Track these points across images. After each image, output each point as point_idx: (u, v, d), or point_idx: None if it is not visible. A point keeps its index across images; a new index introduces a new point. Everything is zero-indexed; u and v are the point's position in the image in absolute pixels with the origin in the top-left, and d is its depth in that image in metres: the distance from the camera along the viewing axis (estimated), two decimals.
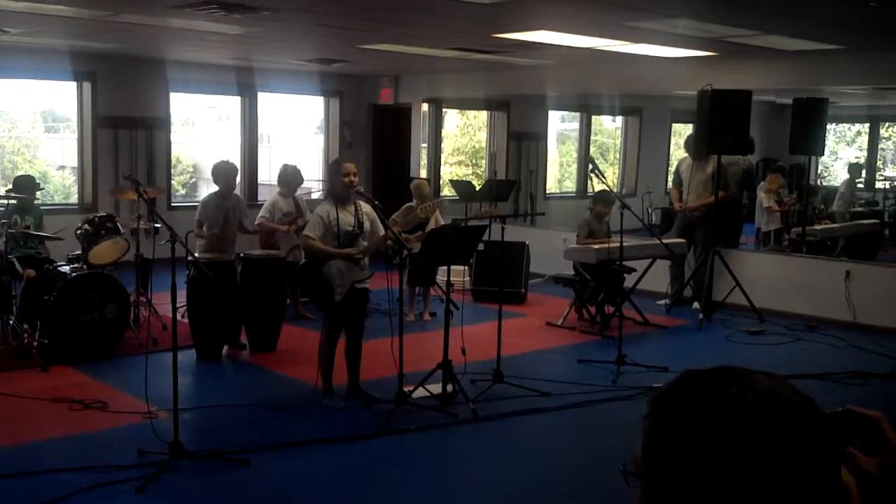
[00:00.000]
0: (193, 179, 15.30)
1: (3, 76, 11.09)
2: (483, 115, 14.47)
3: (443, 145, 13.57)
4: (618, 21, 7.18)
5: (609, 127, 16.84)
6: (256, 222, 8.20)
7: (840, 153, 18.13)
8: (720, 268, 8.90)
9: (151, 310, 7.67)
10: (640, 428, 1.01)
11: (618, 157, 16.04)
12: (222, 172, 7.67)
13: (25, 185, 7.76)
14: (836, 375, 6.94)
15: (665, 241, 8.41)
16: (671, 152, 16.17)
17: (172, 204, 12.03)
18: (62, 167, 14.25)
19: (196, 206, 8.00)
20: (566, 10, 6.96)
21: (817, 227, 10.81)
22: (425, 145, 12.97)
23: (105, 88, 11.24)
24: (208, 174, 8.01)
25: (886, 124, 17.54)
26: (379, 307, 8.02)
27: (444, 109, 13.41)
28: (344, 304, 5.81)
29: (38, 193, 8.25)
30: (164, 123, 11.84)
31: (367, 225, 5.94)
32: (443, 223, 8.06)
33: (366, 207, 6.03)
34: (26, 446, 5.06)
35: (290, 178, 8.47)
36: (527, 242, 9.83)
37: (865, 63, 8.94)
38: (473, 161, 15.48)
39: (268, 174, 12.93)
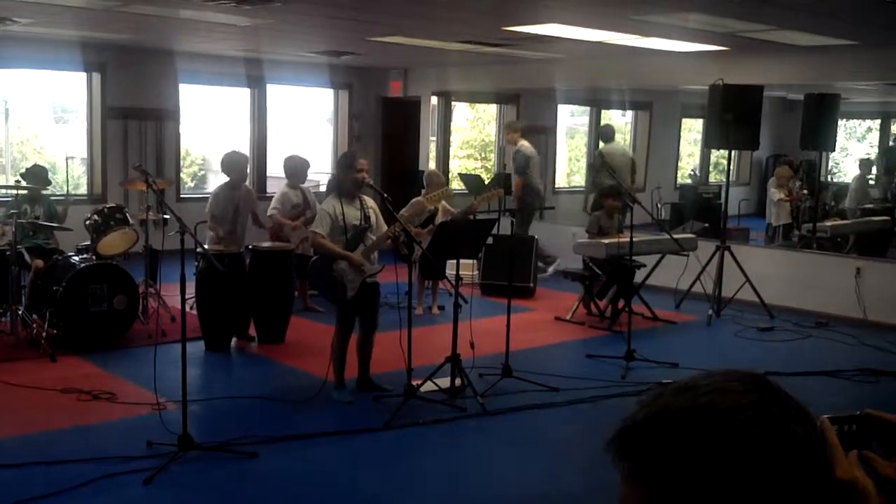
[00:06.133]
0: (202, 171, 15.29)
1: (13, 66, 11.09)
2: (492, 109, 14.44)
3: (452, 138, 13.54)
4: (628, 14, 7.14)
5: (619, 122, 16.79)
6: (268, 214, 8.18)
7: (850, 149, 18.04)
8: (730, 263, 8.87)
9: (160, 301, 7.67)
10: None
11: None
12: (234, 163, 7.65)
13: (36, 176, 7.76)
14: (846, 373, 6.91)
15: (675, 236, 8.37)
16: (681, 147, 16.13)
17: (181, 195, 12.04)
18: (71, 158, 14.24)
19: (204, 198, 7.99)
20: (576, 3, 6.93)
21: (828, 223, 10.77)
22: (434, 138, 12.95)
23: (115, 79, 11.24)
24: (217, 166, 8.00)
25: None
26: (387, 301, 8.00)
27: (453, 102, 13.38)
28: (356, 299, 5.79)
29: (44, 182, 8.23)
30: (174, 115, 11.83)
31: (373, 219, 5.92)
32: (453, 210, 8.02)
33: (370, 201, 6.01)
34: (35, 436, 5.06)
35: (296, 168, 8.44)
36: (535, 236, 9.81)
37: (877, 59, 8.88)
38: (483, 154, 15.46)
39: (277, 166, 12.90)
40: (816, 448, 0.95)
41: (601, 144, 11.34)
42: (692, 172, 16.96)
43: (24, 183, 7.41)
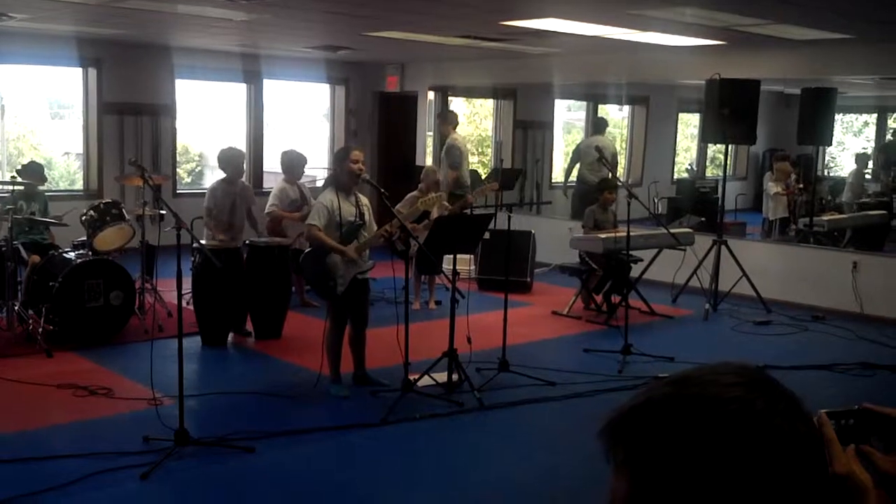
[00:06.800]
0: (199, 167, 15.27)
1: (8, 62, 11.06)
2: (489, 104, 14.42)
3: None
4: (625, 9, 7.13)
5: (615, 116, 16.77)
6: (267, 210, 8.14)
7: (847, 143, 18.04)
8: (727, 257, 8.88)
9: (156, 296, 7.67)
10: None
11: (624, 146, 15.98)
12: (230, 159, 7.63)
13: (32, 172, 7.74)
14: (842, 367, 6.92)
15: (672, 230, 8.37)
16: (678, 142, 16.11)
17: (178, 191, 12.02)
18: (67, 153, 14.23)
19: (201, 194, 7.97)
20: None
21: (825, 217, 10.78)
22: (431, 133, 12.93)
23: (111, 75, 11.22)
24: (214, 162, 7.98)
25: (894, 115, 17.45)
26: (384, 295, 8.01)
27: (450, 97, 13.36)
28: (346, 295, 5.80)
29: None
30: (170, 110, 11.81)
31: (367, 216, 5.92)
32: (448, 205, 8.02)
33: (364, 199, 6.02)
34: (31, 432, 5.06)
35: (293, 163, 8.42)
36: (532, 231, 9.81)
37: (874, 53, 8.88)
38: (479, 149, 15.44)
39: (274, 162, 12.89)
40: (803, 444, 0.94)
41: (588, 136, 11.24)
42: (689, 167, 16.96)
43: (20, 179, 7.40)
